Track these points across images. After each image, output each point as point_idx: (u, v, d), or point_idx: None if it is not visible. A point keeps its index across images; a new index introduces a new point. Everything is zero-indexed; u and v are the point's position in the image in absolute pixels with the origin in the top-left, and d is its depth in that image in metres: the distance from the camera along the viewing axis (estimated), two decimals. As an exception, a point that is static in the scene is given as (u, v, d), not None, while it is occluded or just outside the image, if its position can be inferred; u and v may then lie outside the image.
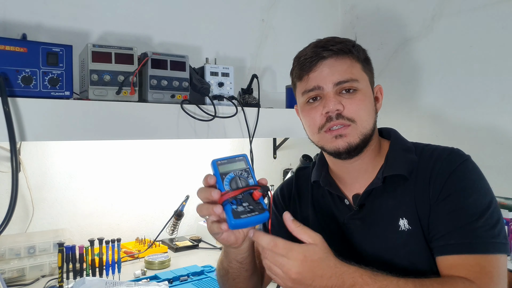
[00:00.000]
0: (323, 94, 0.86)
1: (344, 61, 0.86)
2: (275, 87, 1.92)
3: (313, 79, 0.86)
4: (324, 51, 0.85)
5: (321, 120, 0.86)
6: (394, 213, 0.85)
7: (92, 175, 1.54)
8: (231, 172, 0.76)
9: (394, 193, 0.86)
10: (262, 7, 1.87)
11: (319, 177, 0.97)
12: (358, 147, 0.85)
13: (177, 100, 1.26)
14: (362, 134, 0.85)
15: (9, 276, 1.25)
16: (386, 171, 0.86)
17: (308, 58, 0.86)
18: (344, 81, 0.84)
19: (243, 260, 0.87)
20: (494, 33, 1.50)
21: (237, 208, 0.72)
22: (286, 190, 1.07)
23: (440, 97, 1.67)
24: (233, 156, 0.78)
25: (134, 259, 1.49)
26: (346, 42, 0.88)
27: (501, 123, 1.49)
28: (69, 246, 1.20)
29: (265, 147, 1.94)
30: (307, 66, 0.87)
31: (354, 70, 0.86)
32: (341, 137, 0.84)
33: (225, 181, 0.74)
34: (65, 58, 1.06)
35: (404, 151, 0.89)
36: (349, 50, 0.86)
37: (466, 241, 0.76)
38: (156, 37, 1.58)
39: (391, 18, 1.87)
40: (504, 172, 1.44)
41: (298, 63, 0.90)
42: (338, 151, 0.85)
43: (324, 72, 0.85)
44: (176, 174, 1.73)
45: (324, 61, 0.85)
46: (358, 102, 0.84)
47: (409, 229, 0.83)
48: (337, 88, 0.85)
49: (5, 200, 1.33)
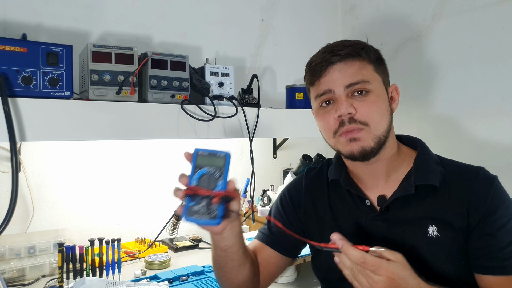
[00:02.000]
0: (335, 98, 0.86)
1: (353, 64, 0.86)
2: (275, 87, 1.92)
3: (324, 83, 0.87)
4: (332, 56, 0.86)
5: (334, 124, 0.87)
6: (423, 220, 0.86)
7: (92, 175, 1.54)
8: (205, 167, 0.78)
9: (423, 201, 0.87)
10: (262, 7, 1.87)
11: (339, 176, 0.97)
12: (373, 150, 0.85)
13: (177, 100, 1.26)
14: (376, 137, 0.85)
15: (9, 276, 1.25)
16: (419, 179, 0.87)
17: (318, 64, 0.87)
18: (355, 82, 0.85)
19: (227, 248, 0.88)
20: (494, 33, 1.50)
21: (193, 207, 0.76)
22: (294, 191, 1.07)
23: (440, 97, 1.67)
24: (216, 151, 0.80)
25: (134, 259, 1.49)
26: (355, 45, 0.88)
27: (501, 123, 1.49)
28: (69, 246, 1.20)
29: (265, 147, 1.94)
30: (317, 71, 0.87)
31: (364, 71, 0.86)
32: (355, 141, 0.85)
33: (196, 174, 0.78)
34: (65, 58, 1.06)
35: (433, 162, 0.90)
36: (358, 53, 0.86)
37: (510, 264, 0.81)
38: (156, 37, 1.58)
39: (391, 18, 1.87)
40: (504, 172, 1.44)
41: (309, 69, 0.91)
42: (352, 155, 0.86)
43: (334, 76, 0.86)
44: (176, 174, 1.72)
45: (333, 65, 0.86)
46: (370, 104, 0.85)
47: (438, 236, 0.85)
48: (349, 91, 0.85)
49: (5, 200, 1.33)
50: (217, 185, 0.77)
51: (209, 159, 0.79)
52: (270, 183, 1.81)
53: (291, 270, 1.36)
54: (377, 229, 0.89)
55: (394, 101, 0.92)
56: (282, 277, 1.34)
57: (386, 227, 0.89)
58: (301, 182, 1.07)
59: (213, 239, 0.88)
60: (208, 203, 0.76)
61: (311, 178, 1.06)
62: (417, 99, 1.74)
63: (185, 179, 0.78)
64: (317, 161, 1.56)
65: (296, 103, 1.60)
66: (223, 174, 0.78)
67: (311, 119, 1.56)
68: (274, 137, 1.91)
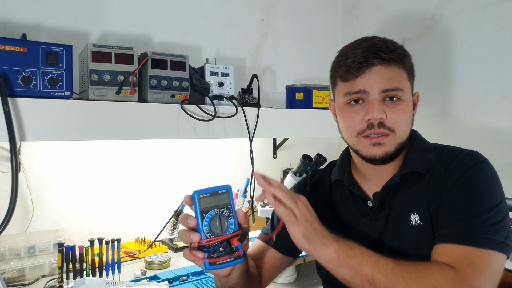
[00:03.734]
0: (367, 99, 0.85)
1: (393, 70, 0.85)
2: (275, 87, 1.92)
3: (360, 83, 0.85)
4: (375, 59, 0.84)
5: (361, 125, 0.86)
6: (407, 209, 0.86)
7: (92, 175, 1.54)
8: (212, 210, 0.74)
9: (409, 190, 0.87)
10: (262, 7, 1.87)
11: (342, 176, 0.97)
12: (393, 156, 0.86)
13: (177, 100, 1.26)
14: (398, 144, 0.86)
15: (9, 276, 1.25)
16: (404, 168, 0.88)
17: (357, 63, 0.84)
18: (391, 89, 0.84)
19: (234, 285, 0.87)
20: (494, 33, 1.50)
21: (213, 254, 0.73)
22: (299, 192, 1.07)
23: (440, 97, 1.67)
24: (216, 189, 0.75)
25: (134, 259, 1.49)
26: (398, 50, 0.87)
27: (501, 123, 1.49)
28: (69, 246, 1.20)
29: (265, 147, 1.94)
30: (355, 70, 0.85)
31: (401, 79, 0.85)
32: (379, 145, 0.85)
33: (204, 220, 0.73)
34: (65, 58, 1.06)
35: (423, 151, 0.90)
36: (401, 59, 0.86)
37: (460, 233, 0.77)
38: (156, 37, 1.58)
39: (391, 18, 1.87)
40: (504, 172, 1.44)
41: (345, 64, 0.87)
42: (374, 159, 0.86)
43: (373, 79, 0.84)
44: (176, 174, 1.73)
45: (373, 67, 0.84)
46: (400, 112, 0.85)
47: (420, 225, 0.84)
48: (383, 95, 0.84)
49: (5, 200, 1.33)
50: (230, 224, 0.75)
51: (212, 200, 0.75)
52: (270, 183, 1.81)
53: (291, 270, 1.35)
54: (377, 228, 0.90)
55: (415, 108, 0.93)
56: (282, 277, 1.34)
57: (382, 225, 0.89)
58: (305, 184, 1.08)
59: (220, 280, 0.87)
60: (228, 244, 0.74)
61: (315, 181, 1.06)
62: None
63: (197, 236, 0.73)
64: (317, 161, 1.56)
65: (296, 103, 1.60)
66: (231, 211, 0.76)
67: (311, 119, 1.58)
68: (274, 137, 1.91)
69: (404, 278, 0.72)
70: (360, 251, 0.76)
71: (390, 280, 0.72)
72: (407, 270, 0.73)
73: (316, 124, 1.57)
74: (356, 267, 0.74)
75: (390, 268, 0.73)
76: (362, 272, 0.74)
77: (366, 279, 0.73)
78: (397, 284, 0.72)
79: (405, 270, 0.73)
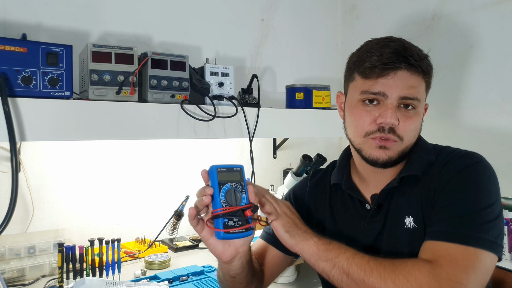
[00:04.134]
0: (383, 102, 0.84)
1: (416, 78, 0.83)
2: (275, 87, 1.92)
3: (381, 85, 0.83)
4: (403, 63, 0.82)
5: (371, 127, 0.85)
6: (402, 212, 0.86)
7: (92, 175, 1.54)
8: (227, 183, 0.80)
9: (404, 192, 0.87)
10: (262, 7, 1.87)
11: (340, 180, 0.96)
12: (395, 161, 0.86)
13: (177, 100, 1.26)
14: (402, 151, 0.86)
15: (9, 276, 1.25)
16: (404, 171, 0.87)
17: (383, 63, 0.82)
18: (410, 98, 0.83)
19: (236, 275, 0.88)
20: (494, 33, 1.50)
21: (228, 222, 0.77)
22: (299, 193, 1.08)
23: (440, 97, 1.67)
24: (232, 166, 0.82)
25: (134, 259, 1.49)
26: (427, 60, 0.85)
27: (501, 123, 1.49)
28: (69, 246, 1.20)
29: (265, 147, 1.94)
30: (379, 69, 0.82)
31: (420, 89, 0.85)
32: (384, 149, 0.84)
33: (221, 191, 0.78)
34: (65, 58, 1.06)
35: (423, 152, 0.89)
36: (427, 70, 0.84)
37: (448, 230, 0.76)
38: (156, 37, 1.58)
39: (391, 18, 1.87)
40: (504, 172, 1.44)
41: (369, 60, 0.84)
42: (376, 161, 0.85)
43: (395, 83, 0.82)
44: (176, 174, 1.73)
45: (399, 71, 0.82)
46: (412, 122, 0.85)
47: (414, 227, 0.84)
48: (399, 102, 0.83)
49: (5, 200, 1.33)
50: (242, 198, 0.80)
51: (228, 175, 0.81)
52: (270, 183, 1.81)
53: (291, 270, 1.35)
54: (373, 230, 0.90)
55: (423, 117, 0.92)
56: (282, 277, 1.34)
57: (380, 228, 0.89)
58: (306, 184, 1.08)
59: (222, 267, 0.89)
60: (241, 217, 0.78)
61: (316, 181, 1.06)
62: (417, 99, 1.74)
63: (209, 198, 0.78)
64: (317, 161, 1.56)
65: (296, 103, 1.60)
66: (244, 186, 0.81)
67: (311, 119, 1.58)
68: (274, 137, 1.91)
69: (378, 270, 0.74)
70: (338, 245, 0.79)
71: (365, 271, 0.74)
72: (381, 263, 0.75)
73: (316, 124, 1.57)
74: (334, 259, 0.77)
75: (366, 261, 0.75)
76: (339, 265, 0.76)
77: (343, 271, 0.76)
78: (371, 275, 0.74)
79: (380, 263, 0.75)
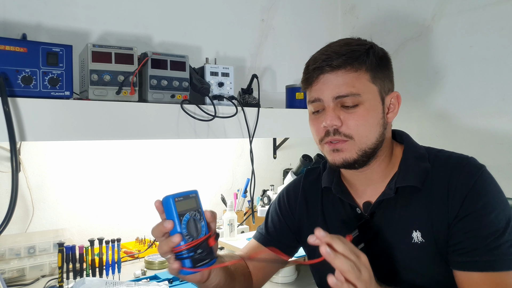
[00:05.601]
0: (324, 107, 0.85)
1: (346, 75, 0.82)
2: (275, 87, 1.92)
3: (315, 91, 0.86)
4: (326, 66, 0.82)
5: (321, 132, 0.86)
6: (407, 225, 0.84)
7: (92, 175, 1.54)
8: (187, 213, 0.74)
9: (407, 205, 0.85)
10: (262, 7, 1.87)
11: (330, 183, 0.95)
12: (357, 162, 0.84)
13: (177, 100, 1.26)
14: (361, 150, 0.83)
15: (9, 276, 1.25)
16: (399, 181, 0.85)
17: (311, 71, 0.85)
18: (344, 95, 0.82)
19: (216, 286, 0.85)
20: (494, 33, 1.50)
21: (194, 255, 0.73)
22: (293, 192, 1.06)
23: (440, 97, 1.67)
24: (187, 193, 0.77)
25: (134, 259, 1.49)
26: (353, 52, 0.83)
27: (501, 123, 1.49)
28: (69, 246, 1.20)
29: (265, 147, 1.94)
30: (310, 77, 0.86)
31: (357, 83, 0.82)
32: (337, 152, 0.84)
33: (182, 223, 0.73)
34: (65, 58, 1.06)
35: (417, 159, 0.87)
36: (352, 63, 0.82)
37: (491, 259, 0.77)
38: (156, 37, 1.58)
39: (391, 18, 1.87)
40: (504, 172, 1.44)
41: (305, 72, 0.88)
42: (334, 165, 0.86)
43: (324, 86, 0.84)
44: (176, 174, 1.73)
45: (324, 75, 0.83)
46: (358, 118, 0.82)
47: (422, 242, 0.83)
48: (337, 102, 0.83)
49: (5, 200, 1.33)
50: (202, 226, 0.76)
51: (185, 203, 0.75)
52: (270, 183, 1.81)
53: (291, 270, 1.35)
54: (365, 236, 0.89)
55: (393, 110, 0.88)
56: (282, 277, 1.34)
57: (373, 234, 0.88)
58: (299, 184, 1.06)
59: (200, 286, 0.85)
60: (206, 248, 0.75)
61: (309, 182, 1.05)
62: (417, 99, 1.74)
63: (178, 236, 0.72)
64: (317, 161, 1.56)
65: (296, 103, 1.60)
66: (202, 214, 0.77)
67: (311, 119, 1.57)
68: (274, 137, 1.91)
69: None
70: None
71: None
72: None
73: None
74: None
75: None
76: None
77: None
78: None
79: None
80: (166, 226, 0.72)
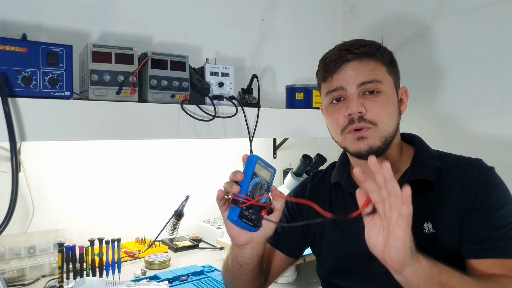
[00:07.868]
0: (346, 96, 0.87)
1: (368, 64, 0.87)
2: (275, 87, 1.92)
3: (337, 80, 0.88)
4: (348, 54, 0.86)
5: (344, 121, 0.88)
6: (418, 216, 0.85)
7: (92, 175, 1.54)
8: (259, 177, 0.82)
9: (419, 198, 0.87)
10: (262, 7, 1.87)
11: (341, 178, 0.97)
12: (379, 149, 0.86)
13: (177, 100, 1.26)
14: (383, 137, 0.86)
15: (9, 276, 1.25)
16: (413, 175, 0.88)
17: (333, 61, 0.87)
18: (368, 81, 0.85)
19: (243, 263, 0.88)
20: (494, 33, 1.50)
21: (244, 212, 0.79)
22: (300, 193, 1.09)
23: (440, 97, 1.67)
24: (270, 165, 0.85)
25: (134, 259, 1.49)
26: (371, 45, 0.88)
27: (501, 123, 1.49)
28: (69, 246, 1.20)
29: (265, 147, 1.94)
30: (331, 68, 0.88)
31: (378, 72, 0.87)
32: (362, 140, 0.86)
33: (252, 181, 0.80)
34: (65, 58, 1.06)
35: (430, 158, 0.91)
36: (373, 53, 0.87)
37: (505, 246, 0.80)
38: (156, 37, 1.58)
39: (391, 18, 1.87)
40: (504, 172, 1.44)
41: (323, 65, 0.91)
42: (359, 153, 0.87)
43: (348, 74, 0.86)
44: (176, 174, 1.73)
45: (348, 63, 0.87)
46: (381, 105, 0.86)
47: (433, 233, 0.85)
48: (361, 90, 0.86)
49: (5, 200, 1.33)
50: (264, 197, 0.81)
51: (263, 170, 0.83)
52: (270, 183, 1.81)
53: (291, 270, 1.35)
54: None
55: (403, 103, 0.94)
56: (282, 277, 1.34)
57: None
58: (306, 185, 1.09)
59: (233, 251, 0.90)
60: (256, 213, 0.81)
61: (316, 182, 1.07)
62: (417, 99, 1.74)
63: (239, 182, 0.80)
64: (317, 161, 1.56)
65: (296, 103, 1.60)
66: (269, 188, 0.83)
67: (311, 119, 1.57)
68: (274, 137, 1.91)
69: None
70: (445, 268, 0.73)
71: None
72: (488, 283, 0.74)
73: (316, 124, 1.57)
74: (447, 283, 0.71)
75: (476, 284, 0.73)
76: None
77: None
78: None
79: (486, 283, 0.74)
80: (237, 176, 0.79)
